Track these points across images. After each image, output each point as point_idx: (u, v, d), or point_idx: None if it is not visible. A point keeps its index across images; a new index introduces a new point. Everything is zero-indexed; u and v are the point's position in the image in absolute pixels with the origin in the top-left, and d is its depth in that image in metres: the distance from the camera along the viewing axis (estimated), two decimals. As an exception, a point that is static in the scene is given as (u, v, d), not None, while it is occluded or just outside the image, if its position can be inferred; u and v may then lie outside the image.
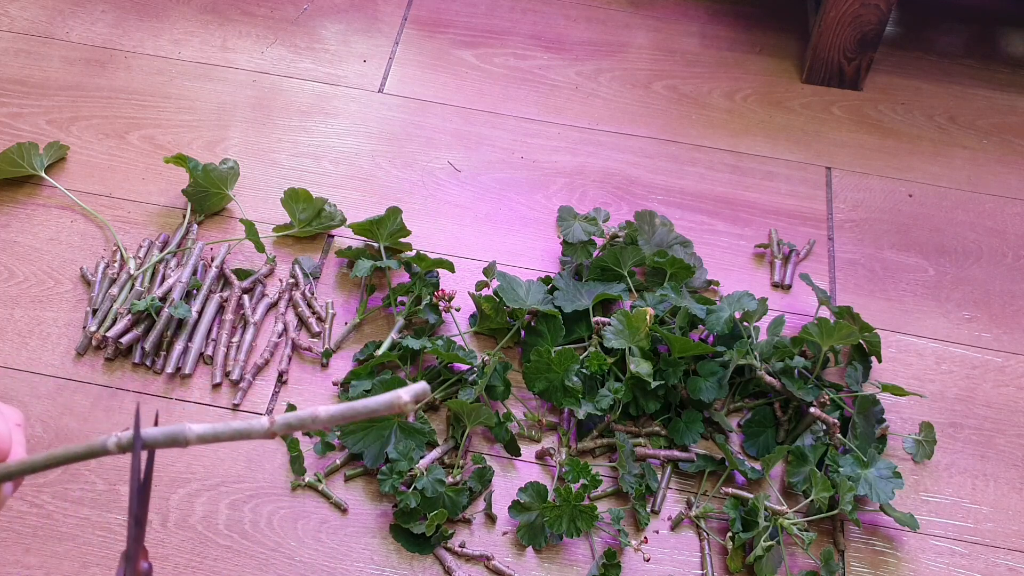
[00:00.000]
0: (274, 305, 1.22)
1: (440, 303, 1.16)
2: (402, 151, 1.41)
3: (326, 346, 1.18)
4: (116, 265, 1.23)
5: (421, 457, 1.07)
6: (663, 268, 1.22)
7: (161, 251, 1.25)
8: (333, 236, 1.30)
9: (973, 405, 1.20)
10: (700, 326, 1.18)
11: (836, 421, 1.09)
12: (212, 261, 1.24)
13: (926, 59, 1.61)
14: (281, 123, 1.43)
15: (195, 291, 1.21)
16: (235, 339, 1.18)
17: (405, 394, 0.53)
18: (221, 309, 1.21)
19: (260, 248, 1.24)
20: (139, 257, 1.24)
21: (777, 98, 1.53)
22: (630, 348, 1.12)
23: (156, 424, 0.58)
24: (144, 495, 0.55)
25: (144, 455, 0.55)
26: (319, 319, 1.21)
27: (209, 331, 1.19)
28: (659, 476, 1.11)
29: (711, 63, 1.57)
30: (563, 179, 1.39)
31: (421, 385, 0.53)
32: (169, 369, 1.15)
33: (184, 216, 1.30)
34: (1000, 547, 1.09)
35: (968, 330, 1.27)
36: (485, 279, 1.20)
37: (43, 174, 1.31)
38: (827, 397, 1.11)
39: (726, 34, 1.62)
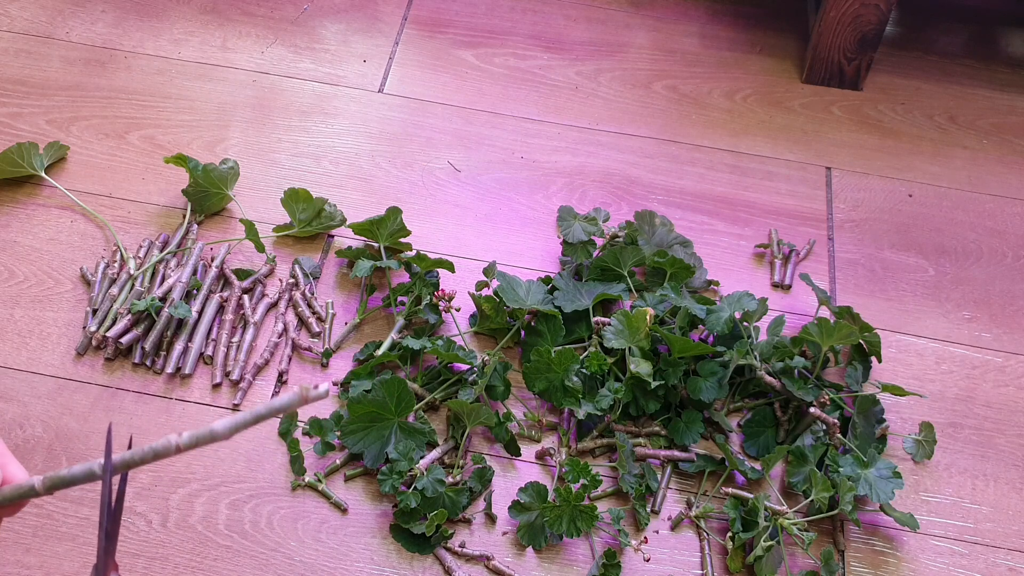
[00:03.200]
0: (274, 305, 1.22)
1: (440, 303, 1.16)
2: (402, 151, 1.41)
3: (326, 346, 1.18)
4: (116, 265, 1.23)
5: (421, 457, 1.07)
6: (663, 268, 1.22)
7: (161, 251, 1.25)
8: (333, 236, 1.30)
9: (973, 405, 1.20)
10: (700, 326, 1.18)
11: (836, 421, 1.09)
12: (212, 261, 1.24)
13: (926, 59, 1.61)
14: (281, 123, 1.43)
15: (195, 291, 1.21)
16: (235, 339, 1.18)
17: (311, 391, 0.53)
18: (221, 309, 1.21)
19: (260, 248, 1.24)
20: (139, 257, 1.24)
21: (777, 98, 1.53)
22: (630, 348, 1.12)
23: (130, 446, 0.59)
24: (116, 512, 0.56)
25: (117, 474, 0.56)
26: (319, 319, 1.21)
27: (209, 331, 1.19)
28: (659, 476, 1.11)
29: (711, 63, 1.57)
30: (563, 179, 1.39)
31: (324, 386, 0.53)
32: (169, 369, 1.15)
33: (184, 216, 1.30)
34: (1000, 547, 1.09)
35: (968, 330, 1.27)
36: (485, 279, 1.20)
37: (43, 174, 1.31)
38: (827, 397, 1.11)
39: (726, 34, 1.62)
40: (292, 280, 1.24)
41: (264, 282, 1.25)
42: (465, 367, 1.16)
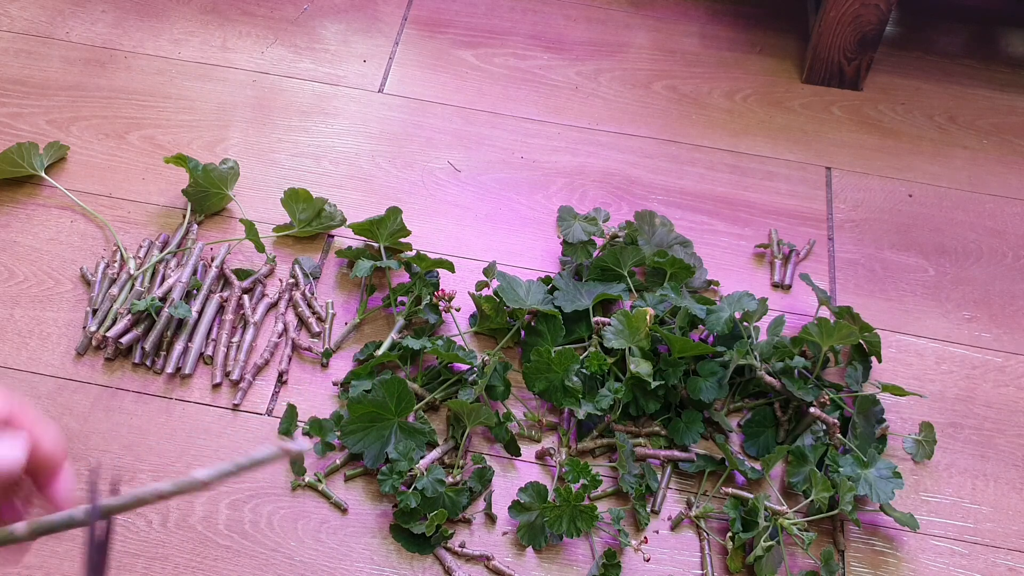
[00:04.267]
0: (274, 305, 1.22)
1: (440, 303, 1.16)
2: (402, 151, 1.41)
3: (326, 346, 1.18)
4: (116, 265, 1.23)
5: (421, 457, 1.07)
6: (663, 268, 1.22)
7: (161, 251, 1.25)
8: (333, 236, 1.30)
9: (973, 405, 1.20)
10: (700, 326, 1.18)
11: (836, 421, 1.09)
12: (212, 261, 1.24)
13: (926, 59, 1.61)
14: (281, 123, 1.43)
15: (195, 291, 1.21)
16: (235, 339, 1.18)
17: (291, 445, 0.55)
18: (221, 309, 1.21)
19: (260, 248, 1.24)
20: (139, 257, 1.24)
21: (777, 98, 1.53)
22: (630, 348, 1.12)
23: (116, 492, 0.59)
24: (105, 547, 0.56)
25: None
26: (319, 319, 1.21)
27: (209, 331, 1.19)
28: (659, 476, 1.11)
29: (711, 63, 1.57)
30: (563, 179, 1.39)
31: (303, 442, 0.56)
32: (169, 369, 1.15)
33: (184, 216, 1.30)
34: (1000, 547, 1.09)
35: (968, 330, 1.27)
36: (485, 279, 1.20)
37: (43, 174, 1.31)
38: (827, 397, 1.11)
39: (726, 34, 1.62)
40: (292, 280, 1.24)
41: (264, 282, 1.25)
42: (465, 367, 1.16)
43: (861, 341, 1.18)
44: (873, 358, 1.19)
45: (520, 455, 1.12)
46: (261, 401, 1.14)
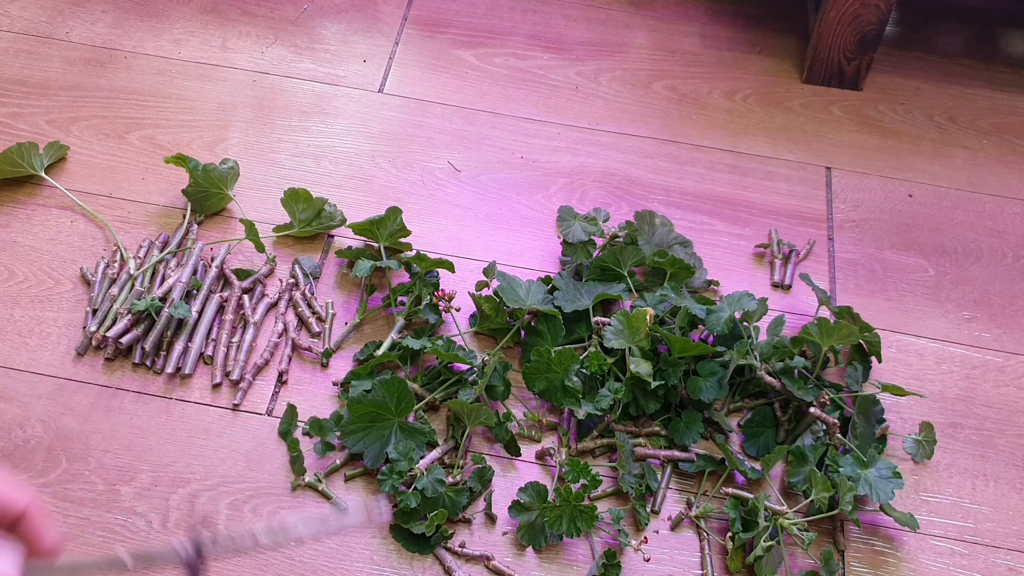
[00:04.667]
0: (274, 305, 1.22)
1: (440, 303, 1.16)
2: (402, 151, 1.41)
3: (326, 346, 1.18)
4: (116, 265, 1.23)
5: (421, 457, 1.07)
6: (663, 268, 1.22)
7: (161, 251, 1.25)
8: (333, 236, 1.30)
9: (973, 405, 1.20)
10: (700, 326, 1.18)
11: (836, 421, 1.09)
12: (212, 261, 1.24)
13: (926, 59, 1.61)
14: (281, 123, 1.43)
15: (195, 291, 1.21)
16: (235, 339, 1.18)
17: (376, 511, 0.66)
18: (221, 309, 1.21)
19: (260, 248, 1.24)
20: (139, 257, 1.24)
21: (777, 98, 1.53)
22: (630, 348, 1.12)
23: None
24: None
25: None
26: (319, 319, 1.21)
27: (209, 331, 1.19)
28: (659, 476, 1.11)
29: (711, 63, 1.57)
30: (563, 179, 1.39)
31: (388, 511, 0.62)
32: (169, 369, 1.15)
33: (184, 216, 1.30)
34: (1000, 547, 1.09)
35: (968, 330, 1.27)
36: (485, 279, 1.20)
37: (43, 174, 1.31)
38: (827, 397, 1.11)
39: (726, 34, 1.62)
40: (292, 280, 1.24)
41: (264, 282, 1.25)
42: (465, 367, 1.16)
43: (861, 341, 1.18)
44: (873, 358, 1.19)
45: (520, 455, 1.12)
46: (261, 401, 1.14)
